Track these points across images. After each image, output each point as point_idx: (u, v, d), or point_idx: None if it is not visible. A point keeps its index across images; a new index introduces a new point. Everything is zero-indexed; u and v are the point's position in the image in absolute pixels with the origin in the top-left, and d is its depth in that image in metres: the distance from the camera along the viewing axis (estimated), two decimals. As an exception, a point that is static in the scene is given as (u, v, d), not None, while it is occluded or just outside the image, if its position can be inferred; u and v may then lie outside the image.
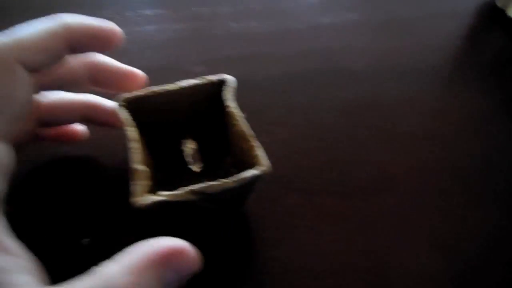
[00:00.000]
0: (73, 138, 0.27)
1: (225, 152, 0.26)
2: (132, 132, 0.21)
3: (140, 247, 0.17)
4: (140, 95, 0.23)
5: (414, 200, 0.27)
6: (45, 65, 0.20)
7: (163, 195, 0.18)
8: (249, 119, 0.30)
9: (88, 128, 0.27)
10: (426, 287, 0.23)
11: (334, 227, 0.26)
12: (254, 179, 0.20)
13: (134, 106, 0.23)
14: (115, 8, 0.38)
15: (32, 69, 0.19)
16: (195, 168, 0.26)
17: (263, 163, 0.20)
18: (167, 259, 0.16)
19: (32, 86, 0.19)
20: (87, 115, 0.25)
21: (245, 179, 0.19)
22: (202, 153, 0.27)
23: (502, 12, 0.39)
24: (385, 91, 0.33)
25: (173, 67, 0.34)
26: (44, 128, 0.25)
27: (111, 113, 0.24)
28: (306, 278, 0.24)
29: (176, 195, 0.18)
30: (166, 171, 0.21)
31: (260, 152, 0.21)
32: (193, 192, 0.19)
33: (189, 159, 0.27)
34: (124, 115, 0.22)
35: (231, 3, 0.39)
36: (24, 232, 0.18)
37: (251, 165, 0.20)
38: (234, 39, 0.36)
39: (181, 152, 0.27)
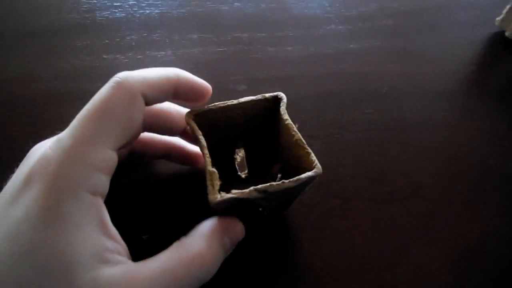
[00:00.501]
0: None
1: (271, 160, 0.29)
2: (203, 139, 0.24)
3: (206, 223, 0.23)
4: (206, 109, 0.26)
5: (437, 206, 0.30)
6: (156, 101, 0.24)
7: (234, 193, 0.21)
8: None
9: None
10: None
11: (366, 228, 0.29)
12: (309, 180, 0.23)
13: (200, 118, 0.26)
14: (164, 32, 0.42)
15: (147, 103, 0.23)
16: (242, 174, 0.30)
17: (317, 167, 0.23)
18: (226, 228, 0.23)
19: (143, 115, 0.23)
20: (170, 153, 0.29)
21: (302, 179, 0.22)
22: (249, 162, 0.30)
23: (511, 42, 0.43)
24: (408, 110, 0.36)
25: (218, 85, 0.37)
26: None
27: (190, 154, 0.30)
28: (341, 273, 0.27)
29: (243, 192, 0.21)
30: (220, 177, 0.24)
31: (314, 158, 0.24)
32: (257, 190, 0.21)
33: (238, 166, 0.30)
34: (195, 125, 0.25)
35: (268, 29, 0.43)
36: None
37: (304, 170, 0.23)
38: (271, 62, 0.40)
39: (232, 160, 0.30)
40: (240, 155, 0.30)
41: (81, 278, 0.18)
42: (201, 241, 0.22)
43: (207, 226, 0.23)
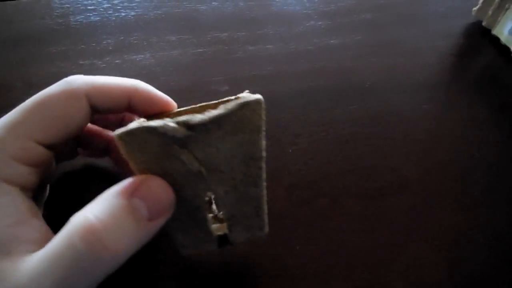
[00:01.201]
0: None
1: None
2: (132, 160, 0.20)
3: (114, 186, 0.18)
4: (165, 114, 0.23)
5: (426, 200, 0.30)
6: (108, 109, 0.23)
7: (143, 122, 0.18)
8: (273, 131, 0.33)
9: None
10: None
11: (357, 225, 0.29)
12: (244, 110, 0.18)
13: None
14: (141, 35, 0.41)
15: (95, 107, 0.22)
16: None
17: (251, 97, 0.19)
18: (132, 189, 0.18)
19: (87, 119, 0.22)
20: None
21: (232, 107, 0.18)
22: None
23: (488, 31, 0.43)
24: (392, 104, 0.37)
25: (200, 87, 0.37)
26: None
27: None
28: (334, 271, 0.27)
29: (158, 123, 0.17)
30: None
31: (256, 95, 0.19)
32: (176, 122, 0.17)
33: None
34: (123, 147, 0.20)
35: (247, 28, 0.42)
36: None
37: None
38: (252, 60, 0.40)
39: None
40: None
41: None
42: (93, 206, 0.17)
43: (110, 189, 0.18)
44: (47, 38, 0.40)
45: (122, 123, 0.27)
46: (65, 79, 0.21)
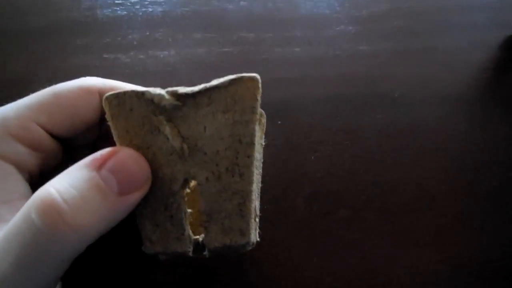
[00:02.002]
0: None
1: None
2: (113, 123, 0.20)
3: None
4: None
5: (452, 219, 0.29)
6: None
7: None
8: (294, 136, 0.32)
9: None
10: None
11: (378, 241, 0.28)
12: (236, 86, 0.18)
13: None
14: (167, 31, 0.40)
15: None
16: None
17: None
18: (101, 160, 0.16)
19: (97, 115, 0.22)
20: None
21: (223, 82, 0.17)
22: None
23: (527, 45, 0.41)
24: (421, 116, 0.35)
25: (223, 87, 0.36)
26: None
27: None
28: (352, 287, 0.25)
29: (147, 89, 0.17)
30: None
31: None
32: (165, 90, 0.17)
33: None
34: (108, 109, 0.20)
35: (275, 30, 0.41)
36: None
37: None
38: (278, 63, 0.38)
39: None
40: None
41: None
42: (56, 179, 0.16)
43: (78, 162, 0.17)
44: (73, 30, 0.40)
45: None
46: (83, 78, 0.22)
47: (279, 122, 0.33)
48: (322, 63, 0.39)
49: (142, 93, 0.17)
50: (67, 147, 0.25)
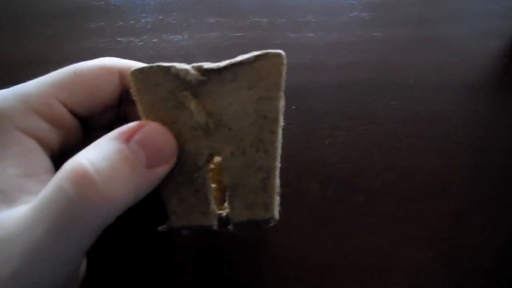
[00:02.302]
0: None
1: None
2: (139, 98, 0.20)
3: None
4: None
5: (467, 206, 0.29)
6: None
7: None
8: (309, 121, 0.32)
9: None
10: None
11: (392, 226, 0.28)
12: (262, 62, 0.18)
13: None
14: (180, 15, 0.40)
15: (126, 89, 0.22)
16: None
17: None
18: (129, 133, 0.17)
19: (117, 94, 0.22)
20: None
21: (249, 58, 0.18)
22: None
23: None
24: (436, 103, 0.35)
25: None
26: None
27: None
28: (365, 271, 0.26)
29: (172, 64, 0.17)
30: None
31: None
32: (191, 65, 0.18)
33: None
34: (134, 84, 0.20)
35: (288, 15, 0.41)
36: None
37: None
38: (292, 48, 0.38)
39: None
40: None
41: None
42: (87, 150, 0.16)
43: (106, 134, 0.17)
44: (86, 13, 0.40)
45: None
46: (104, 58, 0.22)
47: (293, 107, 0.33)
48: (336, 49, 0.38)
49: (168, 68, 0.17)
50: (85, 127, 0.25)
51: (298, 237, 0.27)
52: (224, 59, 0.37)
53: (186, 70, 0.17)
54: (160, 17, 0.40)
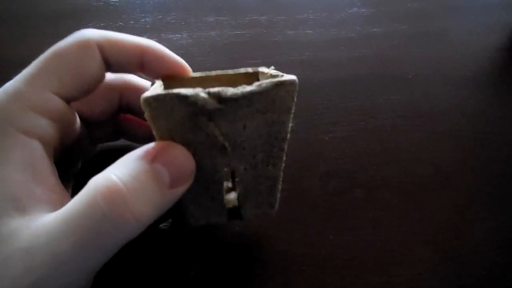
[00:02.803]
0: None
1: None
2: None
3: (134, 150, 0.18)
4: (180, 78, 0.23)
5: (467, 198, 0.29)
6: (121, 64, 0.22)
7: (173, 90, 0.17)
8: (309, 117, 0.32)
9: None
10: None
11: (393, 219, 0.28)
12: (278, 89, 0.18)
13: (169, 87, 0.21)
14: (179, 15, 0.40)
15: (107, 60, 0.21)
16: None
17: (285, 77, 0.18)
18: (154, 154, 0.17)
19: (101, 71, 0.21)
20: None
21: (266, 84, 0.17)
22: None
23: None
24: (436, 96, 0.35)
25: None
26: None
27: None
28: (367, 265, 0.26)
29: (189, 91, 0.17)
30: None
31: (284, 74, 0.19)
32: (208, 92, 0.17)
33: None
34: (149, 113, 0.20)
35: (287, 12, 0.41)
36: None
37: None
38: (291, 45, 0.38)
39: None
40: None
41: None
42: (115, 169, 0.17)
43: (132, 152, 0.17)
44: (85, 14, 0.40)
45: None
46: (79, 31, 0.21)
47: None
48: (335, 45, 0.39)
49: (185, 96, 0.17)
50: (87, 124, 0.25)
51: (299, 232, 0.27)
52: (223, 57, 0.37)
53: (204, 100, 0.17)
54: (160, 16, 0.40)
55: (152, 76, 0.23)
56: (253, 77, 0.23)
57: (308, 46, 0.38)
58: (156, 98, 0.16)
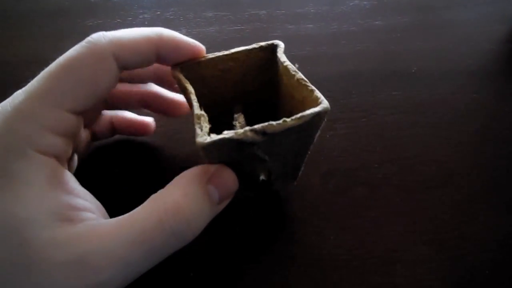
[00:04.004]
0: (144, 132, 0.29)
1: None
2: (189, 86, 0.22)
3: (187, 170, 0.20)
4: (194, 62, 0.23)
5: (471, 196, 0.28)
6: (137, 64, 0.22)
7: (226, 134, 0.18)
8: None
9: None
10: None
11: (395, 218, 0.27)
12: (316, 118, 0.19)
13: (189, 73, 0.23)
14: (178, 10, 0.40)
15: (123, 66, 0.21)
16: None
17: (324, 102, 0.20)
18: (210, 174, 0.20)
19: (116, 79, 0.21)
20: (145, 101, 0.27)
21: (306, 116, 0.19)
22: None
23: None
24: (439, 91, 0.34)
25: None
26: (117, 121, 0.28)
27: (168, 102, 0.27)
28: (369, 265, 0.25)
29: (238, 133, 0.18)
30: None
31: (320, 94, 0.21)
32: (254, 130, 0.18)
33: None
34: (181, 76, 0.22)
35: (287, 6, 0.41)
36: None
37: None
38: (291, 40, 0.38)
39: (230, 128, 0.27)
40: (239, 121, 0.26)
41: (38, 237, 0.17)
42: (176, 189, 0.19)
43: (187, 173, 0.20)
44: (83, 11, 0.40)
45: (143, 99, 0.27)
46: (89, 38, 0.20)
47: (293, 100, 0.32)
48: (337, 39, 0.38)
49: (236, 139, 0.18)
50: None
51: (300, 232, 0.26)
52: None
53: (252, 137, 0.18)
54: (158, 12, 0.40)
55: (168, 64, 0.23)
56: (269, 50, 0.25)
57: (308, 40, 0.38)
58: (213, 143, 0.18)
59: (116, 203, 0.22)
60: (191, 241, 0.20)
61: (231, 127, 0.27)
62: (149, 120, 0.29)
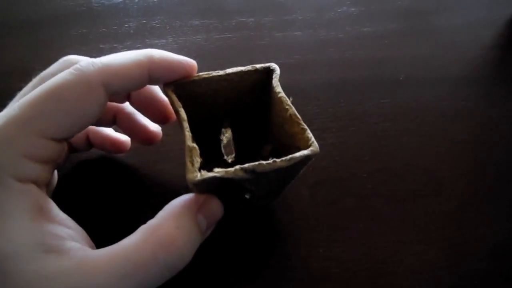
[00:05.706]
0: (118, 150, 0.28)
1: (262, 141, 0.26)
2: (183, 112, 0.21)
3: (176, 200, 0.20)
4: (188, 80, 0.23)
5: (461, 205, 0.28)
6: (128, 89, 0.21)
7: (217, 172, 0.19)
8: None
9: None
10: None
11: (386, 228, 0.27)
12: (304, 160, 0.20)
13: (181, 90, 0.23)
14: (164, 19, 0.39)
15: (113, 92, 0.20)
16: (229, 158, 0.27)
17: (314, 145, 0.20)
18: (199, 205, 0.20)
19: (104, 107, 0.20)
20: (117, 120, 0.27)
21: (296, 158, 0.19)
22: (237, 144, 0.27)
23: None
24: (428, 99, 0.34)
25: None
26: (92, 136, 0.27)
27: (139, 128, 0.27)
28: (359, 277, 0.25)
29: (228, 171, 0.19)
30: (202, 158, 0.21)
31: (311, 135, 0.21)
32: (244, 169, 0.19)
33: (224, 149, 0.27)
34: (174, 96, 0.22)
35: (275, 13, 0.40)
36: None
37: (298, 149, 0.20)
38: (279, 48, 0.37)
39: (218, 142, 0.27)
40: (226, 136, 0.27)
41: (21, 270, 0.17)
42: (169, 221, 0.19)
43: (177, 203, 0.20)
44: (68, 20, 0.39)
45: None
46: (77, 66, 0.19)
47: (281, 109, 0.32)
48: (325, 46, 0.38)
49: (227, 179, 0.19)
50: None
51: (289, 244, 0.26)
52: (210, 62, 0.36)
53: (241, 176, 0.19)
54: (144, 21, 0.39)
55: (160, 84, 0.23)
56: (263, 72, 0.24)
57: (296, 48, 0.38)
58: (203, 181, 0.18)
59: (98, 225, 0.21)
60: None
61: (218, 140, 0.27)
62: (124, 138, 0.28)
